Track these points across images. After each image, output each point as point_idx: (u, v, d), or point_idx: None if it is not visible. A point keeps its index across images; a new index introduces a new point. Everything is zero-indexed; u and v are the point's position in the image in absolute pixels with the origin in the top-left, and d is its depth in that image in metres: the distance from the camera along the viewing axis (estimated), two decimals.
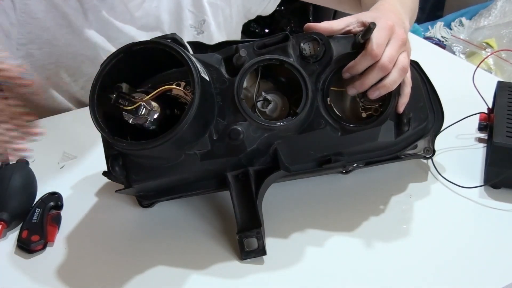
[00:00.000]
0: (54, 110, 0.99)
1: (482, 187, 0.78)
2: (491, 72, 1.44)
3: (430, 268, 0.67)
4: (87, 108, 0.63)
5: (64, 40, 0.93)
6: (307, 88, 0.68)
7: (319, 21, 0.72)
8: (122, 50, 0.64)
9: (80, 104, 1.02)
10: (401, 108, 0.71)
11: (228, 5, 1.07)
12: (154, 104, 0.62)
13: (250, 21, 1.20)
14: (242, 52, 0.68)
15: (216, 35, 1.07)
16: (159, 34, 0.96)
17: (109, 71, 0.64)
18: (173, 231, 0.73)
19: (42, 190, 0.77)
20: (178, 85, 0.68)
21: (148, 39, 0.66)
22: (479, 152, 0.85)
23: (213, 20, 1.05)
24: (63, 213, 0.75)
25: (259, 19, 1.29)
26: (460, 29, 1.83)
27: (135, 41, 0.64)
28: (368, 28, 0.69)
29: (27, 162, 0.79)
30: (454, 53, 1.64)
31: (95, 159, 0.76)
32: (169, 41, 0.65)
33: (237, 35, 1.14)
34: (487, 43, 1.62)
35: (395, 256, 0.69)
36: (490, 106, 0.87)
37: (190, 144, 0.65)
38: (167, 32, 1.00)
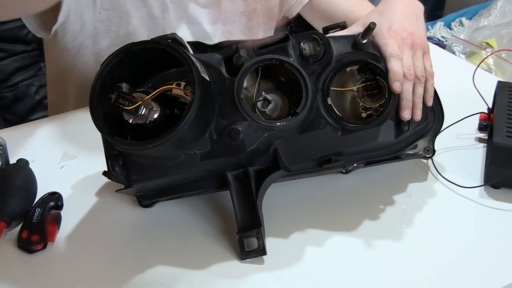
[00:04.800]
0: None
1: (482, 187, 0.78)
2: (491, 72, 1.44)
3: (430, 267, 0.67)
4: (87, 108, 0.63)
5: (140, 14, 0.95)
6: (307, 88, 0.68)
7: None
8: (122, 50, 0.64)
9: None
10: (429, 102, 0.73)
11: None
12: (154, 104, 0.62)
13: None
14: (242, 52, 0.68)
15: (261, 25, 1.08)
16: (216, 11, 0.99)
17: (109, 71, 0.64)
18: (173, 231, 0.73)
19: (42, 190, 0.77)
20: (178, 85, 0.68)
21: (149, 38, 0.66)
22: (479, 152, 0.85)
23: (261, 9, 1.07)
24: (63, 213, 0.75)
25: None
26: (460, 29, 1.83)
27: (192, 17, 0.63)
28: (368, 28, 0.69)
29: (27, 162, 0.79)
30: (454, 53, 1.64)
31: (95, 159, 0.76)
32: (169, 41, 0.65)
33: (272, 31, 1.15)
34: (487, 43, 1.62)
35: (395, 256, 0.69)
36: (490, 106, 0.87)
37: (190, 144, 0.65)
38: (222, 14, 1.01)
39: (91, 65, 0.99)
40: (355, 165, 0.74)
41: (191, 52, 0.70)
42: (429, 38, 1.81)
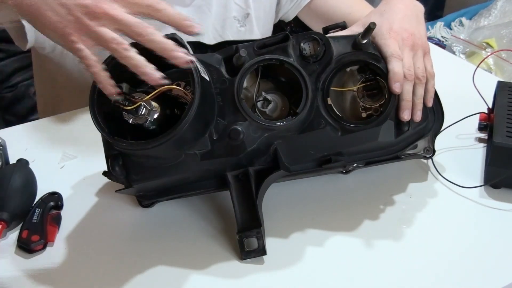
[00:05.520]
0: None
1: (482, 187, 0.78)
2: (491, 72, 1.44)
3: (430, 267, 0.67)
4: (87, 108, 0.63)
5: None
6: (307, 88, 0.68)
7: None
8: None
9: None
10: (430, 102, 0.73)
11: (269, 1, 1.08)
12: (154, 104, 0.62)
13: None
14: (242, 52, 0.68)
15: (255, 29, 1.07)
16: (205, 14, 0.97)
17: (109, 71, 0.64)
18: (173, 231, 0.73)
19: (42, 190, 0.77)
20: (178, 85, 0.68)
21: None
22: (479, 152, 0.85)
23: (254, 14, 1.06)
24: (63, 213, 0.75)
25: None
26: (460, 29, 1.82)
27: None
28: (368, 28, 0.69)
29: (27, 162, 0.79)
30: (454, 53, 1.63)
31: (95, 159, 0.75)
32: None
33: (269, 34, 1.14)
34: (487, 43, 1.62)
35: (395, 256, 0.69)
36: (490, 106, 0.87)
37: (190, 144, 0.65)
38: (213, 18, 1.00)
39: (75, 73, 0.99)
40: (355, 165, 0.74)
41: (191, 52, 0.70)
42: (429, 38, 1.81)
